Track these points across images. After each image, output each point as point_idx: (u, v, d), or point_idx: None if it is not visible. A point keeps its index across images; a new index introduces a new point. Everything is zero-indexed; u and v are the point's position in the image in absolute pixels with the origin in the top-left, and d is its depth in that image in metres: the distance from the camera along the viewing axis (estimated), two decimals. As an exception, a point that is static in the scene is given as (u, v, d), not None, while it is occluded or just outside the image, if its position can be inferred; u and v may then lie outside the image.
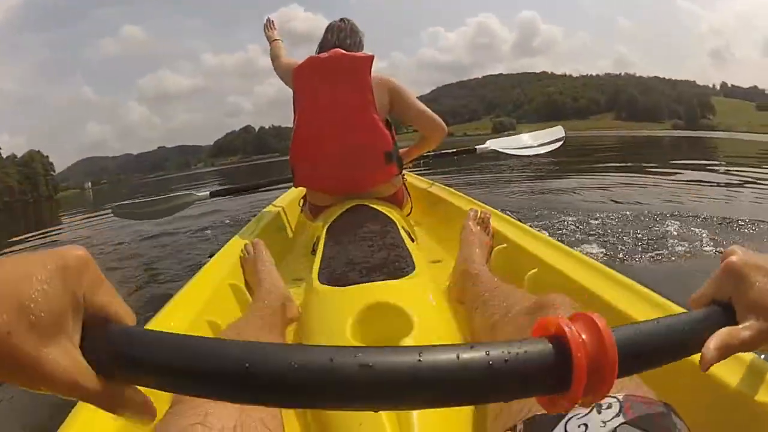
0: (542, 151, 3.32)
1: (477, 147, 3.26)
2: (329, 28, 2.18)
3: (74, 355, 0.34)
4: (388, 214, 1.69)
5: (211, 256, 1.62)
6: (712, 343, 0.48)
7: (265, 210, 2.37)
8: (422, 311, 0.97)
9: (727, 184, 6.20)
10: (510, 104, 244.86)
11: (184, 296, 1.23)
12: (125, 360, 0.37)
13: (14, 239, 13.96)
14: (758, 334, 0.50)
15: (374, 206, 1.77)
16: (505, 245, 1.51)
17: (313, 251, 1.56)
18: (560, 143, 3.36)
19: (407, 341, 0.86)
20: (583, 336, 0.38)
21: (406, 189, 2.21)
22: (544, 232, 1.75)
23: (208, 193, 3.06)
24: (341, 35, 2.12)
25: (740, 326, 0.51)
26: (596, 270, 1.15)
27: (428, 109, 2.15)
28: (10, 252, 7.59)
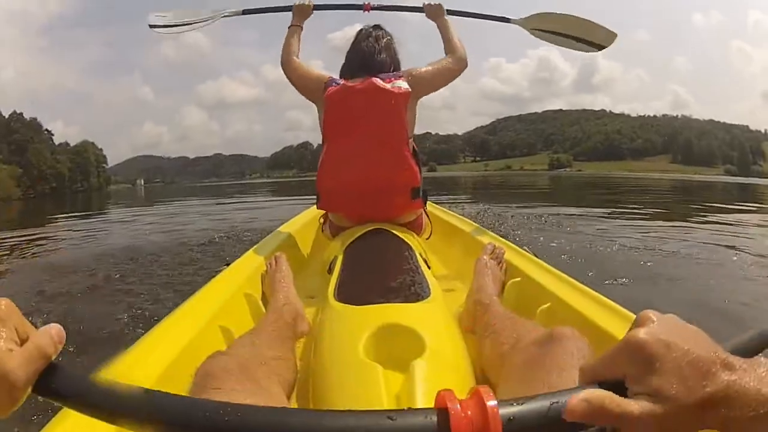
0: (575, 49, 2.82)
1: (511, 19, 2.77)
2: (361, 38, 2.07)
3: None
4: (407, 240, 1.67)
5: (227, 265, 1.63)
6: (583, 393, 0.41)
7: (282, 227, 2.39)
8: (435, 335, 0.95)
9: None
10: (568, 141, 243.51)
11: (198, 300, 1.24)
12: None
13: (56, 216, 14.69)
14: (647, 417, 0.39)
15: (394, 231, 1.75)
16: (519, 279, 1.50)
17: (330, 270, 1.55)
18: (596, 50, 2.79)
19: (419, 363, 0.84)
20: (469, 412, 0.39)
21: (427, 216, 2.15)
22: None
23: (240, 10, 2.82)
24: (374, 49, 2.02)
25: (628, 399, 0.41)
26: (608, 308, 1.13)
27: (456, 45, 2.14)
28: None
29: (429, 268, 1.51)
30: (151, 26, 2.81)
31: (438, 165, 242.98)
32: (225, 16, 2.80)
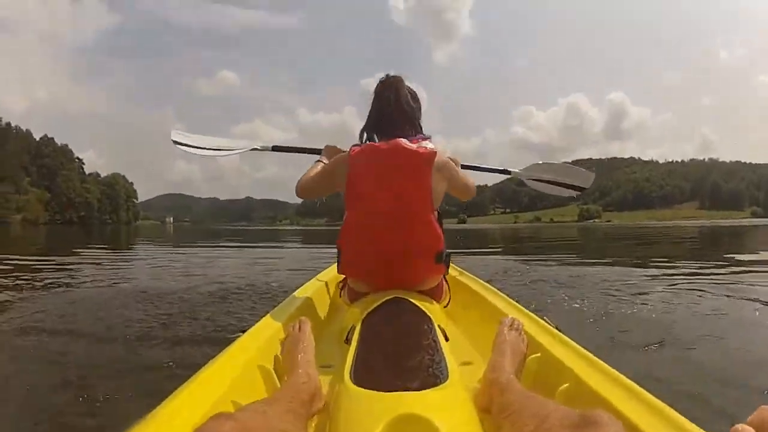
0: (564, 194, 3.42)
1: (512, 171, 3.30)
2: (381, 94, 2.04)
3: None
4: (426, 311, 1.64)
5: (243, 332, 1.59)
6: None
7: (299, 291, 2.34)
8: (452, 425, 0.95)
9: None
10: (597, 191, 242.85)
11: (209, 374, 1.21)
12: None
13: (85, 246, 14.92)
14: None
15: (414, 300, 1.72)
16: (539, 354, 1.45)
17: (347, 340, 1.53)
18: (579, 192, 3.49)
19: None
20: None
21: (446, 281, 2.12)
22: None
23: (270, 146, 2.93)
24: (397, 106, 2.00)
25: None
26: (634, 394, 1.07)
27: (466, 181, 2.15)
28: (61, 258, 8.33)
29: (447, 340, 1.49)
30: (174, 142, 2.91)
31: (468, 217, 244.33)
32: (254, 149, 2.92)
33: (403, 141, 1.86)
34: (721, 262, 9.09)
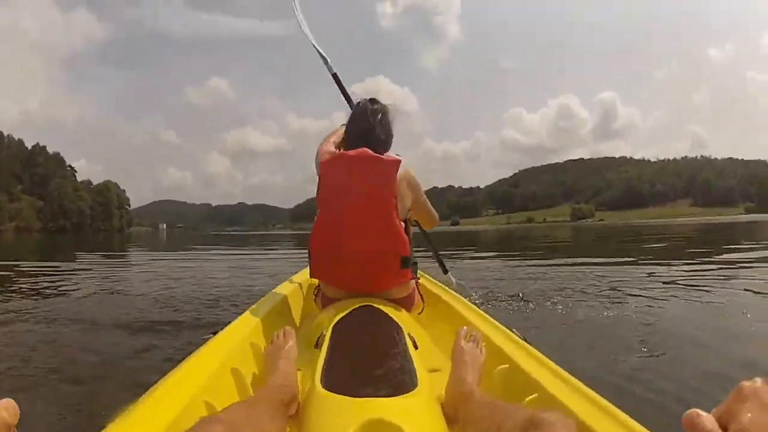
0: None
1: (450, 275, 3.73)
2: (358, 113, 2.16)
3: None
4: (396, 319, 1.66)
5: (214, 334, 1.61)
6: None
7: (278, 287, 2.43)
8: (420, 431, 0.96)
9: None
10: (589, 190, 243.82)
11: (182, 376, 1.21)
12: None
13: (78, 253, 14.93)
14: None
15: (383, 308, 1.75)
16: (506, 365, 1.46)
17: (317, 345, 1.54)
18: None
19: None
20: None
21: (419, 291, 2.19)
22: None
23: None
24: (370, 125, 2.09)
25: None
26: (600, 408, 1.07)
27: (431, 208, 2.32)
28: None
29: (416, 348, 1.51)
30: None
31: (461, 218, 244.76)
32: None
33: (368, 150, 1.94)
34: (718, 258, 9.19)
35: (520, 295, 4.82)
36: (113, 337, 3.44)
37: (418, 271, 2.16)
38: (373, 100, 2.17)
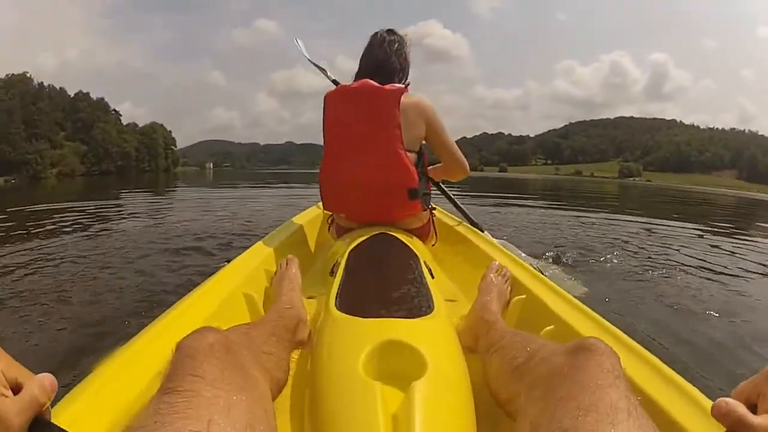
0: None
1: (485, 232, 2.66)
2: (375, 44, 2.09)
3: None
4: (412, 247, 1.65)
5: (228, 262, 1.62)
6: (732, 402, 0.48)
7: (291, 220, 2.43)
8: (437, 355, 0.93)
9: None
10: (638, 149, 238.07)
11: (194, 301, 1.24)
12: None
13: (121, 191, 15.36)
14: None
15: (399, 236, 1.75)
16: (523, 296, 1.46)
17: (332, 273, 1.52)
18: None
19: (420, 384, 0.82)
20: None
21: (433, 224, 2.21)
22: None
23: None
24: (386, 55, 2.05)
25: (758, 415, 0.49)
26: (618, 338, 1.09)
27: (458, 150, 2.14)
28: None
29: (433, 277, 1.48)
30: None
31: (509, 166, 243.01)
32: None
33: (370, 81, 1.90)
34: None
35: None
36: (153, 260, 3.64)
37: (431, 203, 2.16)
38: (390, 31, 2.12)
